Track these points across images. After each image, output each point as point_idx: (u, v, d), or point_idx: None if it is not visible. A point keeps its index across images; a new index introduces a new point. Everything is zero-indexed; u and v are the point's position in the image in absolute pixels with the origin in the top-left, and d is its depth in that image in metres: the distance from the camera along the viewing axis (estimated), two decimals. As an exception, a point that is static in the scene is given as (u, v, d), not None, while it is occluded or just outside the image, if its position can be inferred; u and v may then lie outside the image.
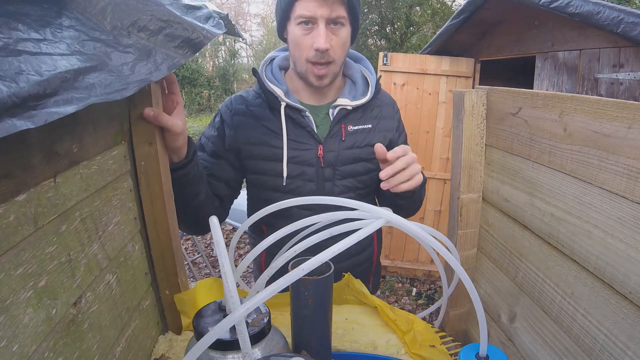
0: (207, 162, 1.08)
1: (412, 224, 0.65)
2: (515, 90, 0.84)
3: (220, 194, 1.08)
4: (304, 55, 1.00)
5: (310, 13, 0.95)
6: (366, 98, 1.10)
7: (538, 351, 0.79)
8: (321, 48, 0.96)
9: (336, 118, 1.08)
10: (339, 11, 0.96)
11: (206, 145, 1.10)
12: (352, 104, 1.08)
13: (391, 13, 7.69)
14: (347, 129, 1.09)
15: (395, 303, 3.51)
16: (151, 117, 0.75)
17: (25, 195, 0.48)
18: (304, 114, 1.06)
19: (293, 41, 1.01)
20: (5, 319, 0.44)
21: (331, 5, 0.94)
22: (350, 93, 1.11)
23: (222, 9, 0.91)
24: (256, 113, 1.08)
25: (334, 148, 1.07)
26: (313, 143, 1.07)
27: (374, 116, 1.13)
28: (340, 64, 1.05)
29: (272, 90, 1.06)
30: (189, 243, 4.50)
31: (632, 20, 1.92)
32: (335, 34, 0.99)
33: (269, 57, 1.16)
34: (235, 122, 1.09)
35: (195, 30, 0.70)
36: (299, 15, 0.96)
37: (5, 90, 0.34)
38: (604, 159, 0.62)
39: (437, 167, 3.60)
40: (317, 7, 0.94)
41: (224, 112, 1.12)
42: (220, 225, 0.69)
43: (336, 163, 1.08)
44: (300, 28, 0.98)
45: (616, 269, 0.60)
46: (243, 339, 0.51)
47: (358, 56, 1.20)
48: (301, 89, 1.11)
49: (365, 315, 0.95)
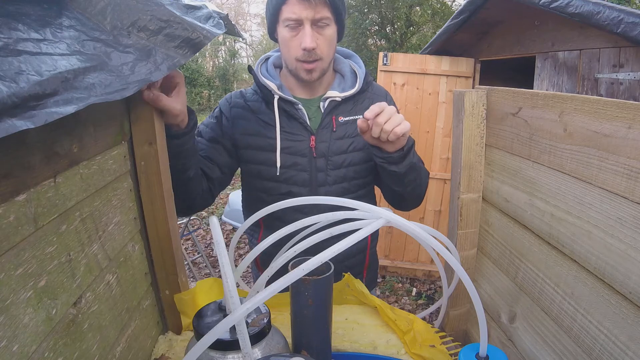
0: (204, 145, 1.14)
1: (412, 224, 0.65)
2: (515, 90, 0.84)
3: (212, 177, 1.12)
4: (293, 54, 1.07)
5: (296, 15, 1.01)
6: (355, 89, 1.15)
7: (538, 351, 0.79)
8: (308, 47, 1.03)
9: (327, 109, 1.13)
10: (322, 12, 1.02)
11: (204, 131, 1.16)
12: (341, 95, 1.14)
13: (391, 13, 7.69)
14: (338, 120, 1.14)
15: (395, 303, 3.51)
16: (150, 99, 0.76)
17: (25, 195, 0.48)
18: (296, 107, 1.12)
19: (282, 42, 1.08)
20: (5, 319, 0.44)
21: (315, 7, 1.01)
22: (340, 86, 1.17)
23: (222, 9, 0.92)
24: (252, 107, 1.15)
25: (325, 139, 1.12)
26: (306, 134, 1.12)
27: (365, 107, 1.15)
28: (328, 60, 1.11)
29: (266, 85, 1.12)
30: (189, 243, 4.50)
31: (632, 20, 1.92)
32: (321, 33, 1.05)
33: (265, 56, 1.23)
34: (233, 113, 1.16)
35: (195, 30, 0.70)
36: (286, 18, 1.03)
37: (5, 90, 0.34)
38: (604, 159, 0.62)
39: (437, 167, 3.60)
40: (302, 9, 1.01)
41: (223, 104, 1.19)
42: (219, 224, 0.69)
43: (328, 153, 1.12)
44: (288, 30, 1.05)
45: (616, 269, 0.60)
46: (243, 339, 0.51)
47: (348, 53, 1.25)
48: (294, 84, 1.17)
49: (365, 315, 0.95)
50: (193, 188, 1.03)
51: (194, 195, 1.05)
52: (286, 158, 1.11)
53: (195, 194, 1.05)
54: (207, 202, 1.13)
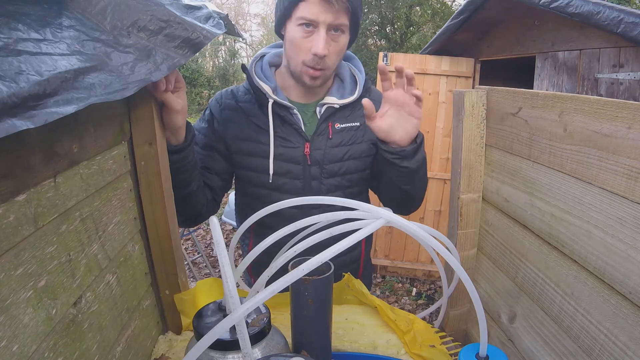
0: (200, 154, 1.08)
1: (412, 224, 0.65)
2: (515, 90, 0.84)
3: (214, 186, 1.09)
4: (301, 57, 1.00)
5: (314, 17, 0.94)
6: (353, 97, 1.10)
7: (538, 351, 0.79)
8: (319, 54, 0.96)
9: (323, 116, 1.08)
10: (342, 18, 0.96)
11: (197, 138, 1.09)
12: (339, 102, 1.08)
13: (391, 13, 7.68)
14: (335, 127, 1.09)
15: (395, 303, 3.51)
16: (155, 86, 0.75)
17: (25, 195, 0.48)
18: (292, 112, 1.06)
19: (291, 41, 1.00)
20: (5, 319, 0.44)
21: (336, 13, 0.94)
22: (338, 92, 1.11)
23: (222, 9, 0.91)
24: (245, 109, 1.09)
25: (320, 146, 1.07)
26: (300, 141, 1.07)
27: (363, 114, 1.08)
28: (333, 69, 1.05)
29: (260, 87, 1.05)
30: (189, 243, 4.50)
31: (632, 20, 1.92)
32: (335, 40, 0.98)
33: (260, 54, 1.15)
34: (224, 116, 1.09)
35: (195, 30, 0.70)
36: (302, 17, 0.95)
37: (5, 90, 0.34)
38: (604, 159, 0.62)
39: (437, 167, 3.60)
40: (322, 11, 0.93)
41: (213, 106, 1.12)
42: (219, 225, 0.69)
43: (323, 161, 1.07)
44: (300, 29, 0.97)
45: (616, 269, 0.60)
46: (243, 339, 0.51)
47: (349, 55, 1.18)
48: (291, 86, 1.10)
49: (365, 315, 0.95)
50: (197, 201, 1.00)
51: (199, 207, 1.03)
52: (279, 165, 1.06)
53: (200, 205, 1.03)
54: (213, 210, 1.10)
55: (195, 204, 1.01)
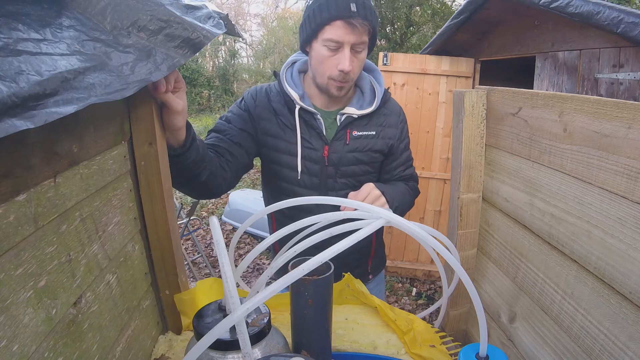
0: (235, 132, 1.18)
1: (412, 224, 0.65)
2: (515, 90, 0.84)
3: (244, 162, 1.18)
4: (327, 73, 1.12)
5: (339, 38, 1.05)
6: (371, 108, 1.22)
7: (538, 351, 0.79)
8: (345, 70, 1.08)
9: (343, 124, 1.20)
10: (363, 37, 1.08)
11: (233, 119, 1.21)
12: (358, 113, 1.20)
13: (391, 13, 7.68)
14: (352, 134, 1.21)
15: (395, 303, 3.51)
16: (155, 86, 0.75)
17: (25, 195, 0.48)
18: (315, 117, 1.19)
19: (317, 58, 1.12)
20: (5, 319, 0.44)
21: (359, 34, 1.06)
22: (358, 102, 1.23)
23: (222, 9, 0.91)
24: (275, 108, 1.21)
25: (338, 150, 1.20)
26: (320, 144, 1.20)
27: (379, 124, 1.24)
28: (355, 79, 1.17)
29: (289, 93, 1.18)
30: (189, 243, 4.50)
31: (632, 20, 1.92)
32: (357, 56, 1.11)
33: (290, 61, 1.28)
34: (257, 112, 1.22)
35: (195, 30, 0.70)
36: (328, 39, 1.06)
37: (5, 90, 0.34)
38: (604, 159, 0.62)
39: (437, 167, 3.60)
40: (346, 33, 1.05)
41: (248, 100, 1.24)
42: (219, 224, 0.69)
43: (339, 163, 1.20)
44: (326, 49, 1.09)
45: (616, 269, 0.60)
46: (243, 339, 0.51)
47: (371, 67, 1.30)
48: (315, 95, 1.23)
49: (365, 315, 0.95)
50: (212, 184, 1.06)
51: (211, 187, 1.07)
52: (302, 163, 1.19)
53: (212, 186, 1.07)
54: (232, 185, 1.17)
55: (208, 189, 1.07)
